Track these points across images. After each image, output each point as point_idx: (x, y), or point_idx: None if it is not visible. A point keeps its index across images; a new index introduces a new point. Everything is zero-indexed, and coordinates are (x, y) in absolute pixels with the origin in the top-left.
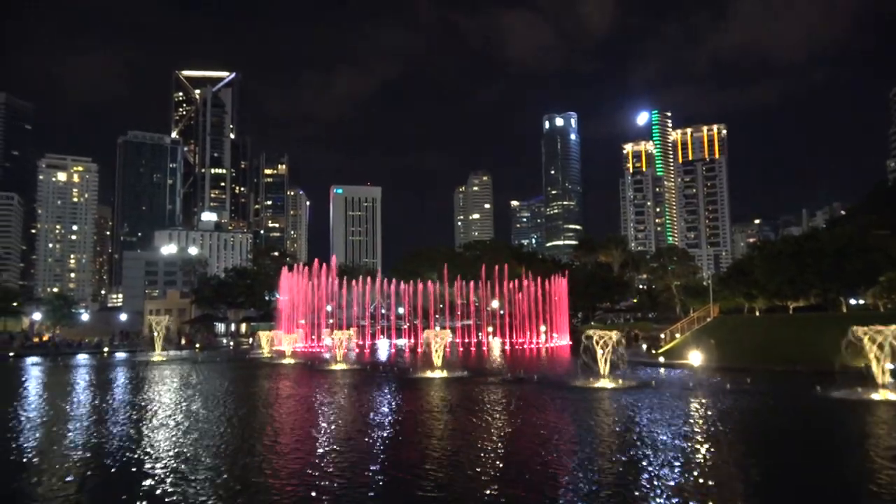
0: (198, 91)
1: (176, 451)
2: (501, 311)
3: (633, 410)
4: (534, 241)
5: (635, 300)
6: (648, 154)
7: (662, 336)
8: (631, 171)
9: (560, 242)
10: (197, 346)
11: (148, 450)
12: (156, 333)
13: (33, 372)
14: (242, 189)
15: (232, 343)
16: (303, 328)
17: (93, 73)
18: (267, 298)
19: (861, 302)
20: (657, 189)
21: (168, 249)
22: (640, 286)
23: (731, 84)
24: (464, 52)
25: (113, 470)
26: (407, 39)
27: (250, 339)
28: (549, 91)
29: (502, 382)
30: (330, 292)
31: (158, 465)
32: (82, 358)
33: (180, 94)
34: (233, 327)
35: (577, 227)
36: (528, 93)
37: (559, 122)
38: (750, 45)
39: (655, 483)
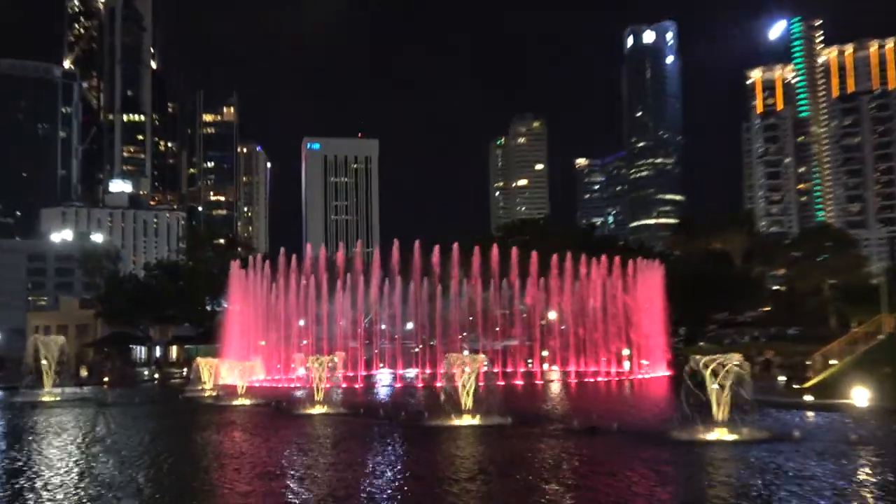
0: None
1: None
2: (563, 327)
3: (767, 478)
4: (611, 219)
5: (767, 308)
6: (787, 85)
7: (809, 363)
8: (760, 110)
9: (651, 221)
10: (105, 380)
11: None
12: (44, 362)
13: None
14: (170, 145)
15: (157, 375)
16: (263, 353)
17: None
18: (209, 309)
19: None
20: (800, 138)
21: (61, 236)
22: (776, 287)
23: None
24: None
25: None
26: None
27: (184, 370)
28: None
29: (565, 434)
30: (304, 299)
31: None
32: None
33: (76, 2)
34: (158, 352)
35: (678, 197)
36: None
37: (649, 37)
38: None
39: None
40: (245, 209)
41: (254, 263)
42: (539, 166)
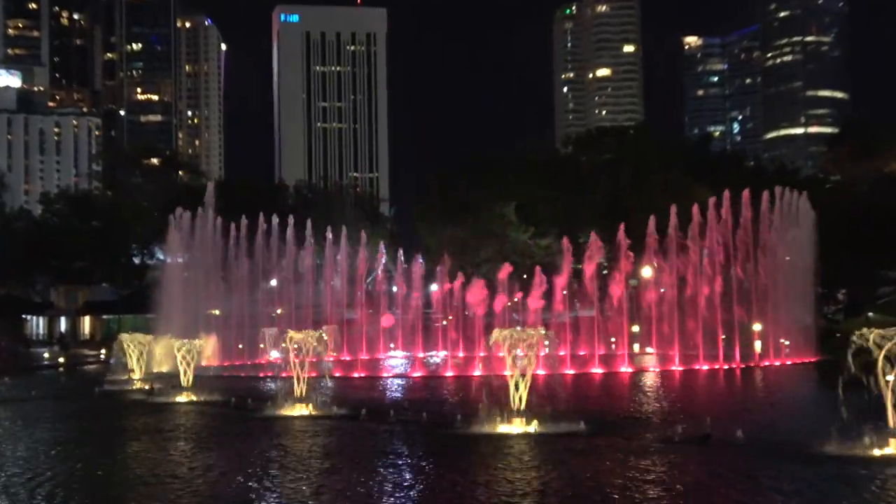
0: None
1: None
2: (662, 290)
3: None
4: (736, 127)
5: None
6: None
7: None
8: None
9: (797, 131)
10: None
11: None
12: None
13: None
14: (77, 17)
15: (63, 359)
16: (218, 327)
17: None
18: (139, 262)
19: None
20: None
21: None
22: None
23: None
24: None
25: None
26: None
27: (102, 352)
28: None
29: (663, 447)
30: (277, 248)
31: None
32: None
33: None
34: (64, 324)
35: (837, 94)
36: None
37: None
38: None
39: None
40: (189, 113)
41: (204, 194)
42: (628, 48)
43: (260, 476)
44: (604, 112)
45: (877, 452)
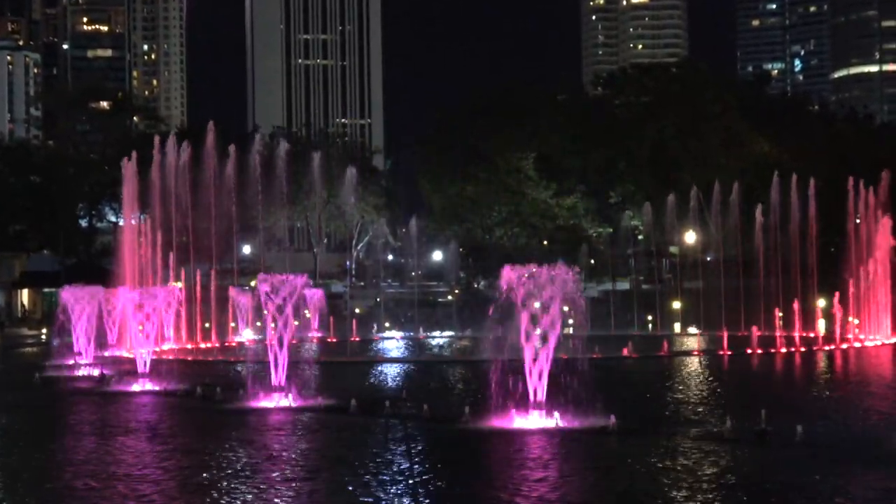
0: None
1: None
2: (708, 259)
3: None
4: (798, 64)
5: None
6: None
7: None
8: None
9: (870, 69)
10: None
11: None
12: None
13: None
14: None
15: None
16: (180, 302)
17: None
18: (87, 224)
19: None
20: None
21: None
22: None
23: None
24: None
25: None
26: None
27: (43, 331)
28: None
29: (715, 443)
30: (252, 207)
31: None
32: None
33: None
34: None
35: None
36: None
37: None
38: None
39: None
40: (145, 48)
41: (162, 144)
42: None
43: (229, 479)
44: (640, 46)
45: None
